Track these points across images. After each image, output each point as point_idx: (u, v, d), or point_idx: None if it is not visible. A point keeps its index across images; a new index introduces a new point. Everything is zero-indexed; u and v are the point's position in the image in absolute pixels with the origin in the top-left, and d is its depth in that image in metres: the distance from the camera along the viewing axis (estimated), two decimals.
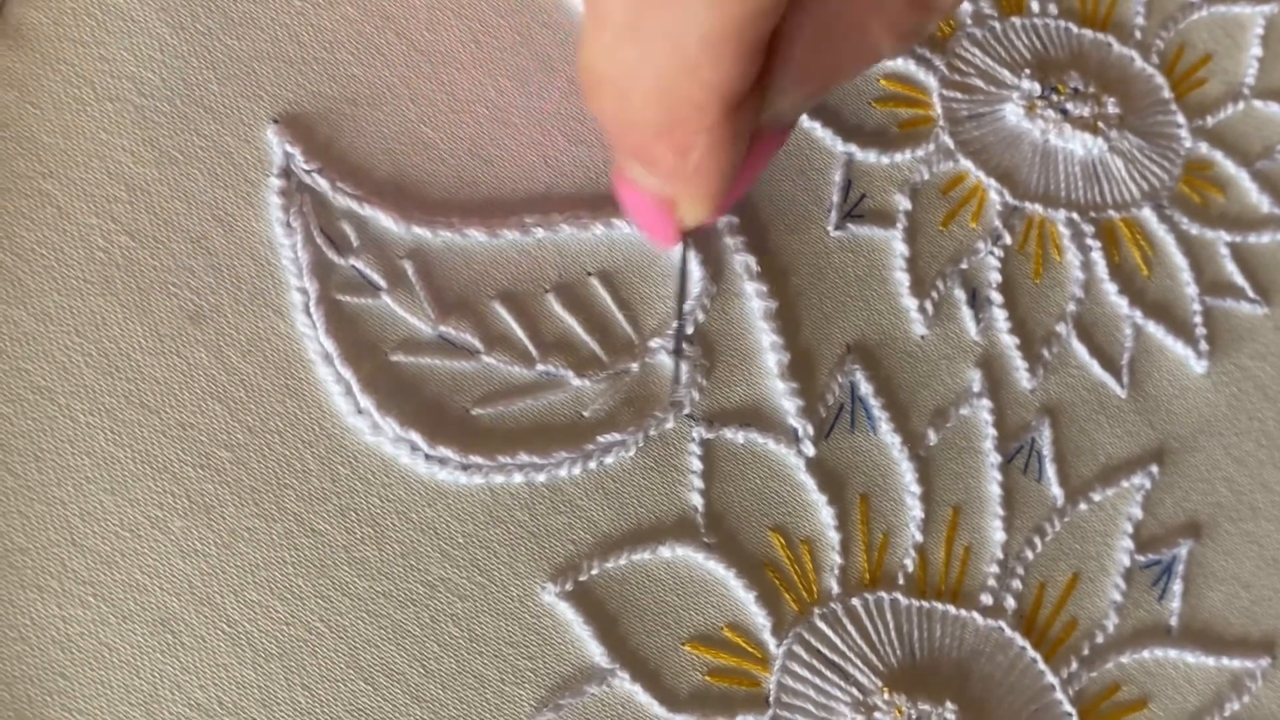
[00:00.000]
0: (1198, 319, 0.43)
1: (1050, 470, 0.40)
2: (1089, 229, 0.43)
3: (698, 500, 0.36)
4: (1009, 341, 0.41)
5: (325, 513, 0.33)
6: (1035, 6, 0.45)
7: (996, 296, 0.41)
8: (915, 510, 0.38)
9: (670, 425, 0.37)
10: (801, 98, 0.30)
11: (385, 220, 0.35)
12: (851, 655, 0.36)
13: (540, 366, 0.36)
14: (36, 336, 0.33)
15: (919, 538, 0.38)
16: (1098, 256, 0.43)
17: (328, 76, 0.36)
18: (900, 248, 0.40)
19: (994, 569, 0.39)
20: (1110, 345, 0.42)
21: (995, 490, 0.39)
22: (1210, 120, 0.46)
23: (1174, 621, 0.40)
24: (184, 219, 0.34)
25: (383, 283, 0.35)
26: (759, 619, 0.36)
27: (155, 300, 0.34)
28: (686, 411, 0.37)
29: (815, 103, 0.32)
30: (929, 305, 0.40)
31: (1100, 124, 0.43)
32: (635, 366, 0.37)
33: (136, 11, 0.35)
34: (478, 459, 0.34)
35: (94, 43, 0.35)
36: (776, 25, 0.28)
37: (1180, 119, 0.45)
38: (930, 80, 0.43)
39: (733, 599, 0.36)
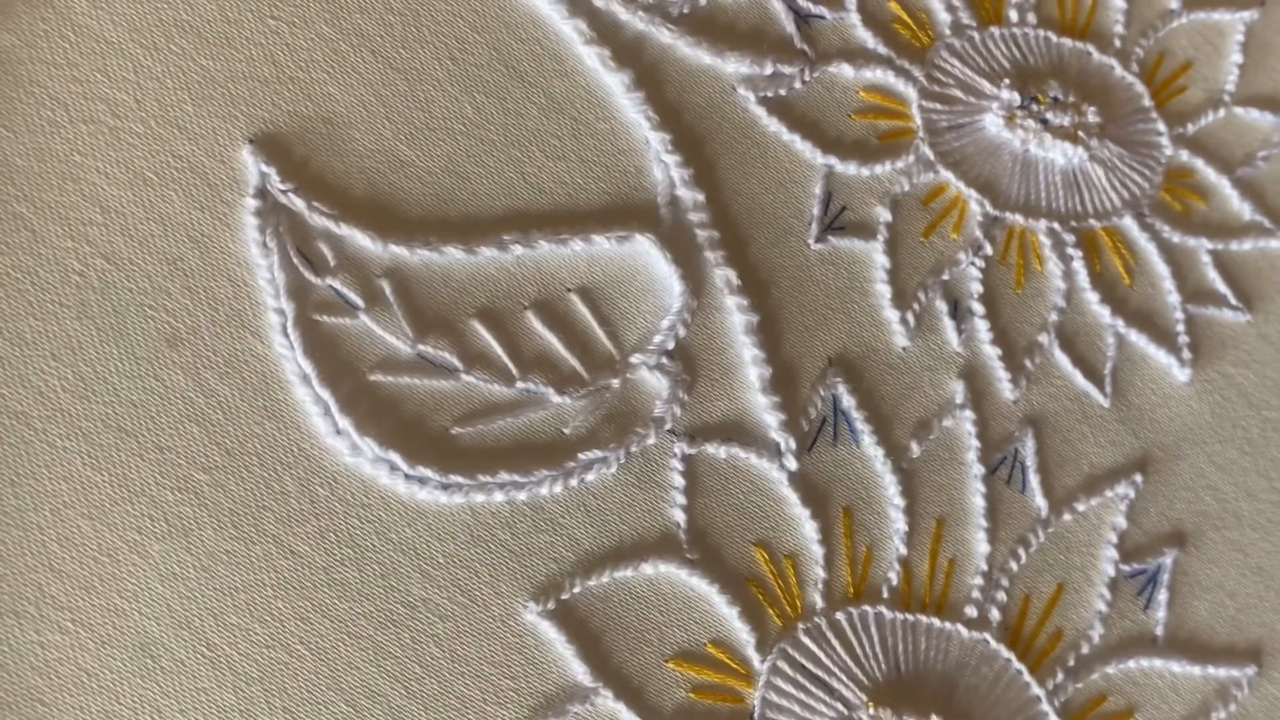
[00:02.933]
0: (1180, 327, 0.43)
1: (1034, 481, 0.40)
2: (1070, 238, 0.43)
3: (680, 516, 0.36)
4: (991, 352, 0.41)
5: (305, 534, 0.33)
6: (1014, 16, 0.45)
7: (978, 307, 0.41)
8: (899, 523, 0.38)
9: (652, 441, 0.36)
10: None
11: (362, 239, 0.35)
12: (836, 670, 0.36)
13: (520, 384, 0.36)
14: (12, 361, 0.32)
15: (903, 550, 0.38)
16: (1079, 266, 0.43)
17: (303, 96, 0.36)
18: (881, 260, 0.40)
19: (978, 581, 0.38)
20: (1093, 355, 0.42)
21: (979, 502, 0.39)
22: (1191, 128, 0.46)
23: (1160, 631, 0.40)
24: (159, 241, 0.34)
25: (360, 302, 0.35)
26: (743, 635, 0.36)
27: (131, 323, 0.33)
28: (668, 427, 0.37)
29: None
30: (911, 317, 0.40)
31: (1080, 133, 0.43)
32: (616, 382, 0.37)
33: (109, 33, 0.35)
34: (458, 478, 0.34)
35: (67, 64, 0.34)
36: None
37: (1161, 127, 0.45)
38: (910, 91, 0.42)
39: (716, 615, 0.36)
